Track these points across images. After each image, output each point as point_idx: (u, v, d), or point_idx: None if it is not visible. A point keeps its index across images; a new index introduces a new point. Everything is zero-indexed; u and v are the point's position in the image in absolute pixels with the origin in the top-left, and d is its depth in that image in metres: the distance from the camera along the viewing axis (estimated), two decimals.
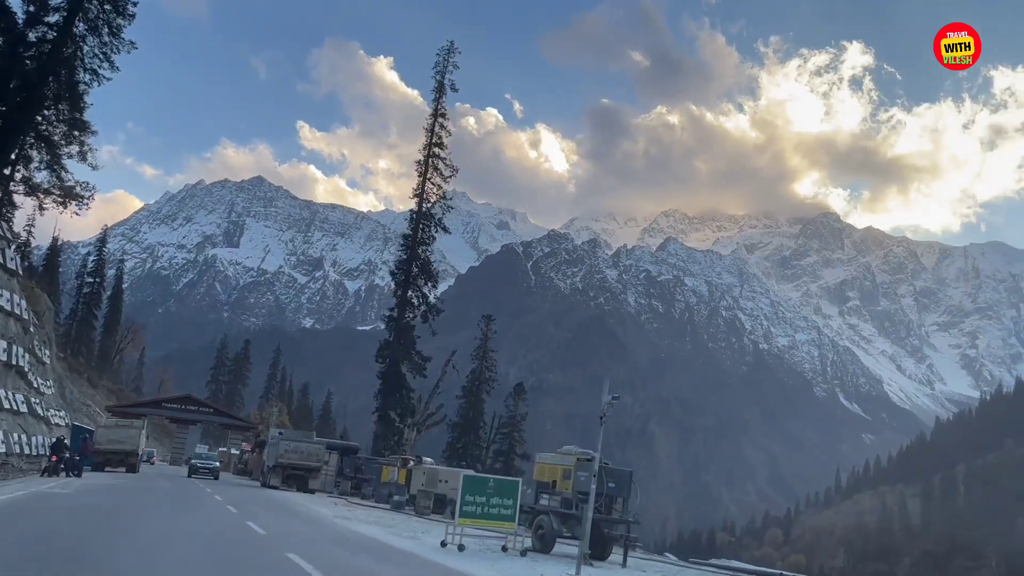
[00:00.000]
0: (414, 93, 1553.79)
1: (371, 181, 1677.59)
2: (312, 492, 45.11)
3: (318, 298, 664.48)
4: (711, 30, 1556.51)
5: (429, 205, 61.68)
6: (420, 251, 61.81)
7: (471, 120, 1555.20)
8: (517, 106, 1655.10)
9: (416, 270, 61.51)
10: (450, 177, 62.41)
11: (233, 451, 79.12)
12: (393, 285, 64.81)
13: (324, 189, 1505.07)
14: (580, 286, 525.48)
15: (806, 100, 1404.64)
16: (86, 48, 31.63)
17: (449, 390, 70.70)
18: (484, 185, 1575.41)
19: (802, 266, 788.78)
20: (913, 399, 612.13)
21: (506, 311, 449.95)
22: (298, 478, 45.51)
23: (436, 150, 61.67)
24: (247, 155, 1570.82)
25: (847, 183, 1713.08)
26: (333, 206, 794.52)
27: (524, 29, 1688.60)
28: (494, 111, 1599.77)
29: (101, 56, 32.16)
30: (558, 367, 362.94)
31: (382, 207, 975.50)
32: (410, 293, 61.30)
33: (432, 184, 61.39)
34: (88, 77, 31.77)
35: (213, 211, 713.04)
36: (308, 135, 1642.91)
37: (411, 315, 61.03)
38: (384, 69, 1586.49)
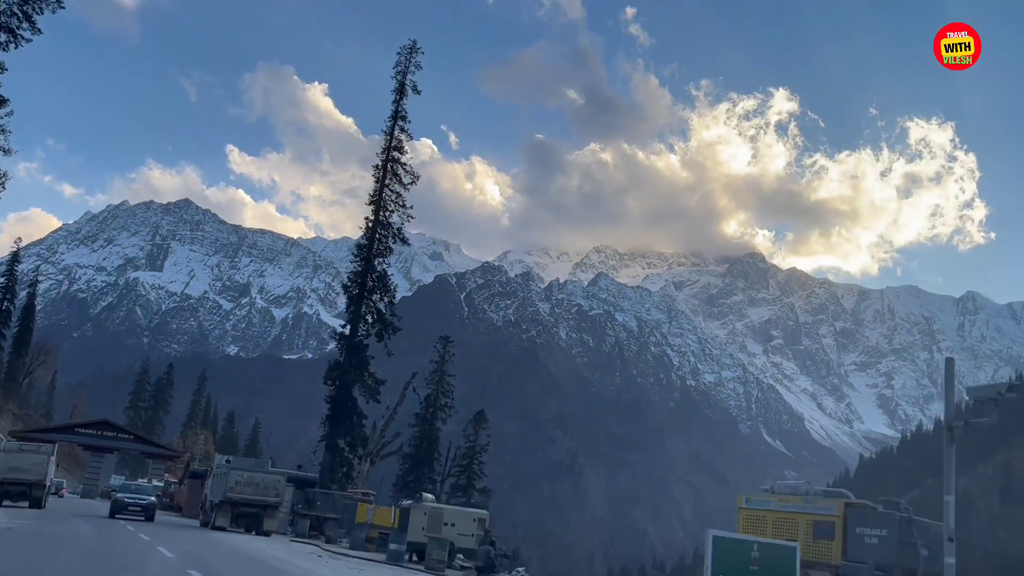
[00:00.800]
0: (349, 121, 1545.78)
1: (302, 207, 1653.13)
2: (268, 534, 38.36)
3: (243, 325, 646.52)
4: (645, 72, 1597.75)
5: (387, 214, 56.47)
6: (376, 263, 56.14)
7: (407, 149, 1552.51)
8: (453, 138, 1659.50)
9: (371, 283, 55.83)
10: (411, 184, 57.37)
11: (156, 483, 72.41)
12: (345, 300, 58.28)
13: (253, 214, 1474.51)
14: (513, 319, 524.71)
15: (734, 143, 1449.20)
16: (3, 6, 27.69)
17: (402, 418, 66.75)
18: (418, 215, 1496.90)
19: (728, 305, 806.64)
20: (833, 437, 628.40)
21: (438, 343, 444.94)
22: (251, 517, 38.29)
23: (395, 154, 56.97)
24: (174, 177, 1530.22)
25: (772, 225, 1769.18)
26: (262, 231, 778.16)
27: (463, 62, 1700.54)
28: (429, 141, 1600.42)
29: (21, 15, 28.00)
30: (489, 399, 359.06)
31: (313, 234, 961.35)
32: (364, 308, 55.59)
33: (390, 191, 56.58)
34: (5, 38, 27.86)
35: (136, 233, 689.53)
36: (238, 159, 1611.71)
37: (364, 333, 55.30)
38: (319, 95, 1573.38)
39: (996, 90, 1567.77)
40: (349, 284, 56.54)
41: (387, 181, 56.37)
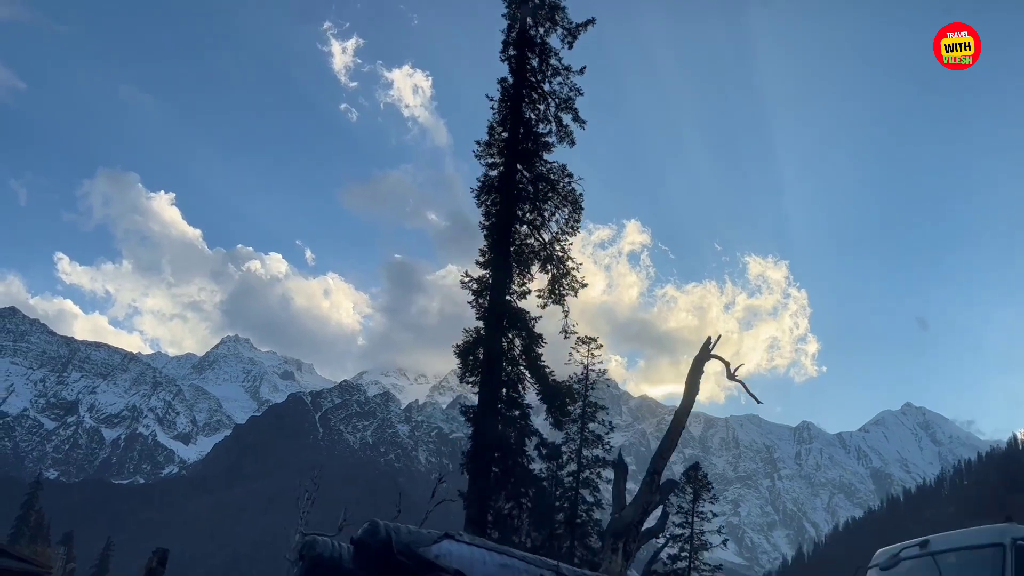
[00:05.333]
0: (196, 232, 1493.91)
1: (137, 321, 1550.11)
2: None
3: (67, 447, 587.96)
4: None
5: (537, 78, 31.44)
6: (535, 161, 31.01)
7: (257, 263, 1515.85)
8: (309, 253, 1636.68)
9: (527, 184, 30.89)
10: (572, 39, 31.32)
11: None
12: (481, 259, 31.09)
13: (83, 327, 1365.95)
14: (371, 441, 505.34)
15: (590, 271, 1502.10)
16: None
17: None
18: (269, 333, 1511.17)
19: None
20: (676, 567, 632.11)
21: (289, 466, 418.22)
22: None
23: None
24: None
25: (625, 352, 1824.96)
26: (98, 345, 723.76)
27: (322, 178, 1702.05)
28: (278, 255, 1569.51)
29: None
30: (344, 531, 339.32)
31: (149, 350, 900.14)
32: (514, 241, 30.49)
33: (535, 54, 31.49)
34: None
35: None
36: (67, 268, 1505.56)
37: (516, 290, 30.44)
38: (164, 204, 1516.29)
39: (823, 234, 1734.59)
40: (481, 193, 31.22)
41: (532, 29, 31.48)
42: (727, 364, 19.39)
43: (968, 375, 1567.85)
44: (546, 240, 30.83)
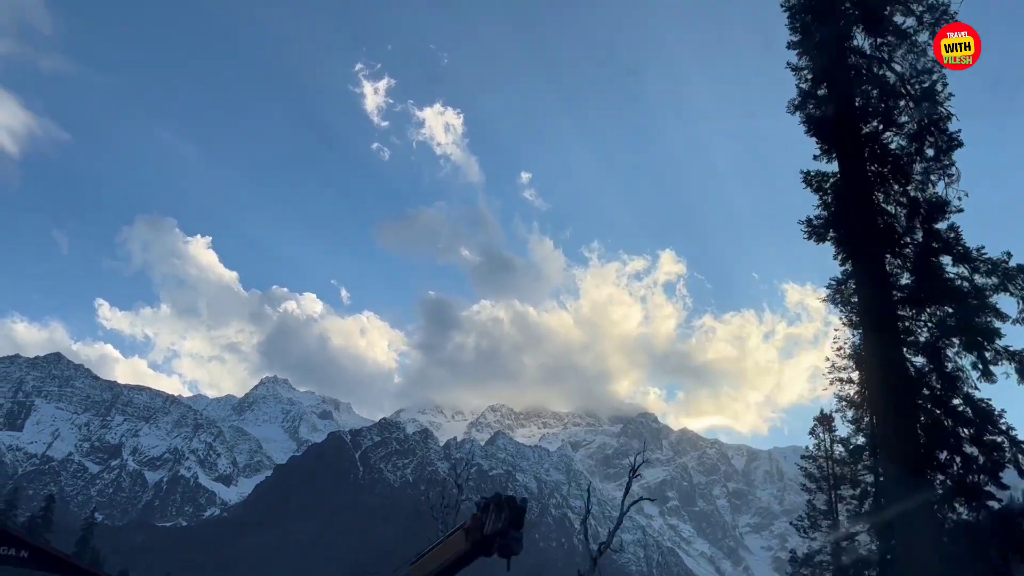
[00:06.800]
0: (232, 275, 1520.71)
1: (176, 364, 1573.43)
2: None
3: (111, 490, 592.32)
4: (541, 234, 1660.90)
5: None
6: None
7: (293, 304, 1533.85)
8: (344, 292, 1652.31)
9: None
10: None
11: None
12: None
13: (124, 371, 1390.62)
14: (411, 479, 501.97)
15: (626, 303, 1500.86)
16: None
17: None
18: (307, 372, 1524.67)
19: (624, 465, 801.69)
20: None
21: (329, 506, 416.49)
22: None
23: None
24: (39, 331, 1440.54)
25: (664, 385, 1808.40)
26: (140, 388, 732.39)
27: (356, 217, 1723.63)
28: (313, 295, 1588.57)
29: None
30: (385, 565, 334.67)
31: (188, 392, 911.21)
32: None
33: None
34: None
35: None
36: (108, 314, 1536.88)
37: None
38: (201, 248, 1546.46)
39: None
40: (796, 14, 22.41)
41: None
42: None
43: (1020, 396, 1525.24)
44: (895, 77, 20.21)
